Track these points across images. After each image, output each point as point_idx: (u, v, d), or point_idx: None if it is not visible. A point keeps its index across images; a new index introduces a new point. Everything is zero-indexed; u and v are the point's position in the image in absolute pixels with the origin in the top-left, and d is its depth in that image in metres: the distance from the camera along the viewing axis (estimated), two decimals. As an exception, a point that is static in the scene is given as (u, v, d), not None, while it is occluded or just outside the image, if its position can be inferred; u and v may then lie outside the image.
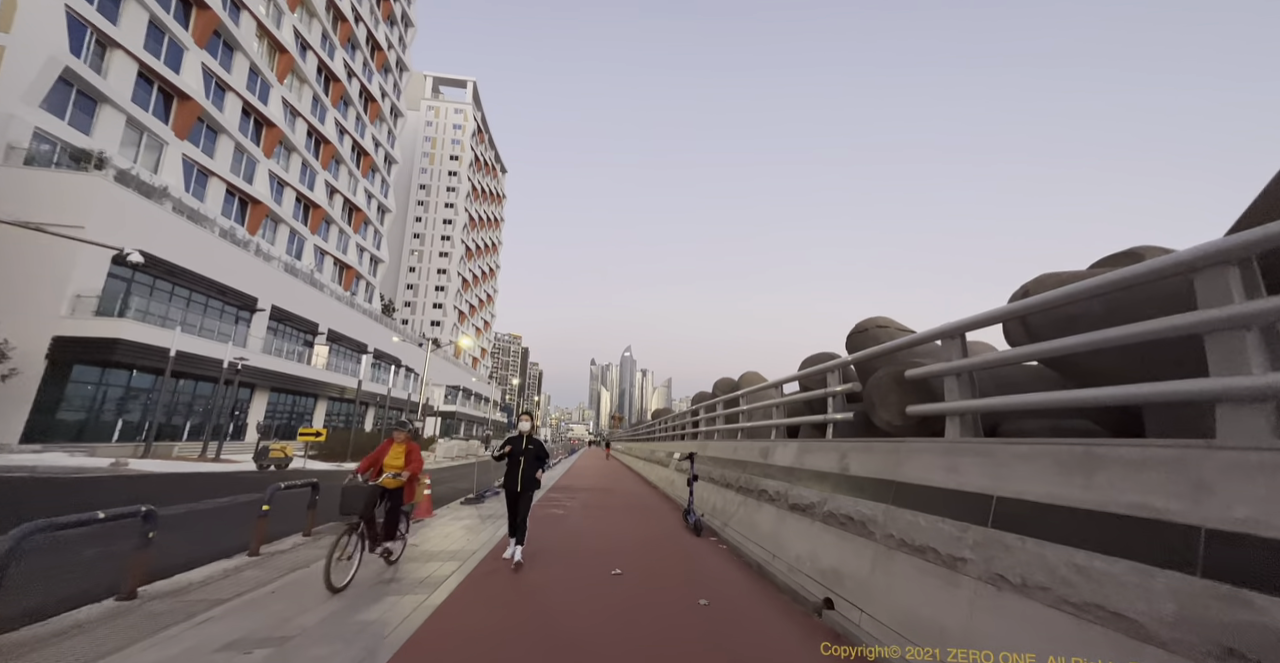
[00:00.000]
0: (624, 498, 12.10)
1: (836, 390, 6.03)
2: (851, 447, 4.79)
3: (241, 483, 13.61)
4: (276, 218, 34.22)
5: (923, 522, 3.36)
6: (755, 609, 4.25)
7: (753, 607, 4.31)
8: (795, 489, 5.56)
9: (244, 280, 27.19)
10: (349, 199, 44.15)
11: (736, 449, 8.58)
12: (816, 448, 5.57)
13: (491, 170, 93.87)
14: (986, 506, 2.90)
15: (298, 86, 36.56)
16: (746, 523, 6.71)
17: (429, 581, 4.79)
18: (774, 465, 6.56)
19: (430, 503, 8.68)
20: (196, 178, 27.29)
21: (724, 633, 3.69)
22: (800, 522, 5.19)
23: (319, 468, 18.92)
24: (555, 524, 8.13)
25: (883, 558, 3.68)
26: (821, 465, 5.20)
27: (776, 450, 6.75)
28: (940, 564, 3.08)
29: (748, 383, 13.96)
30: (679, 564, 5.72)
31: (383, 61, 49.76)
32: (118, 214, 19.73)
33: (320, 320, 35.11)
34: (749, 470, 7.39)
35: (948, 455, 3.44)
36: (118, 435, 19.45)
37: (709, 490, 8.89)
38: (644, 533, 7.60)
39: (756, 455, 7.40)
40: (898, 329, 6.69)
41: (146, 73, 23.54)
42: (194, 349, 21.06)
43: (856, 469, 4.54)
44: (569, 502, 10.93)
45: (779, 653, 3.37)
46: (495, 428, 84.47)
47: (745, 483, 7.31)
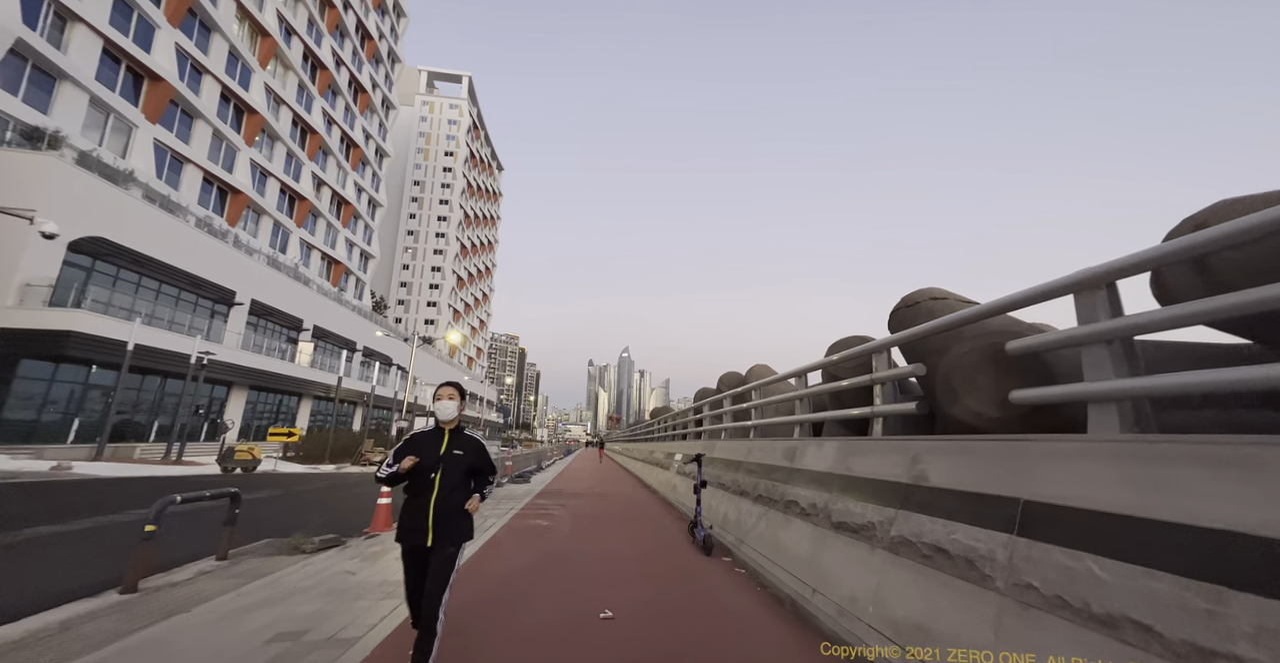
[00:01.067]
0: (620, 504, 10.79)
1: (887, 376, 4.74)
2: (929, 447, 3.49)
3: (194, 488, 12.28)
4: (259, 209, 32.82)
5: (1103, 572, 2.05)
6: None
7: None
8: (841, 503, 4.26)
9: (221, 273, 25.79)
10: (337, 192, 42.75)
11: (751, 450, 7.28)
12: (870, 449, 4.27)
13: (487, 167, 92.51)
14: (1265, 552, 1.61)
15: (282, 73, 35.16)
16: (769, 542, 5.40)
17: (359, 622, 3.49)
18: (804, 471, 5.27)
19: (389, 513, 7.35)
20: (170, 164, 25.88)
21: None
22: (852, 547, 3.89)
23: (293, 471, 17.60)
24: (536, 539, 6.82)
25: (1013, 619, 2.38)
26: (880, 472, 3.90)
27: (807, 452, 5.45)
28: (1169, 658, 1.77)
29: (756, 376, 12.67)
30: (687, 600, 4.41)
31: (373, 51, 48.35)
32: (76, 198, 18.34)
33: (305, 316, 33.72)
34: (770, 476, 6.09)
35: (1139, 463, 2.14)
36: (74, 436, 18.03)
37: (719, 498, 7.59)
38: (643, 552, 6.30)
39: (779, 458, 6.10)
40: (958, 300, 5.40)
41: (113, 50, 22.14)
42: (159, 343, 19.63)
43: (941, 479, 3.24)
44: (557, 510, 9.62)
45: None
46: (490, 428, 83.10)
47: (765, 491, 6.01)
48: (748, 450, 7.41)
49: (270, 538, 6.48)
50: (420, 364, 55.77)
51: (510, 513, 9.09)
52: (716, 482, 7.87)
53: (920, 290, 5.71)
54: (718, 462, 8.30)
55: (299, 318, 33.08)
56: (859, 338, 6.98)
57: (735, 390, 10.16)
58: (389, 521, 7.27)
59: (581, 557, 5.98)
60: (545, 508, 9.84)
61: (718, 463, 8.24)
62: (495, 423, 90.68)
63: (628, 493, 13.16)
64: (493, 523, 7.90)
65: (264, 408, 30.71)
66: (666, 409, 22.99)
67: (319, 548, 5.86)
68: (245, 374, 26.47)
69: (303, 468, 19.07)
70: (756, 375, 12.60)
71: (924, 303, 5.50)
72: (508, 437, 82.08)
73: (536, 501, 11.10)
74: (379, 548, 5.91)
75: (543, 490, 13.23)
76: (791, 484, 5.41)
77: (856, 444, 4.55)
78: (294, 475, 16.13)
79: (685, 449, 11.91)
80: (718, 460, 8.33)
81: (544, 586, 4.71)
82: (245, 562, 5.24)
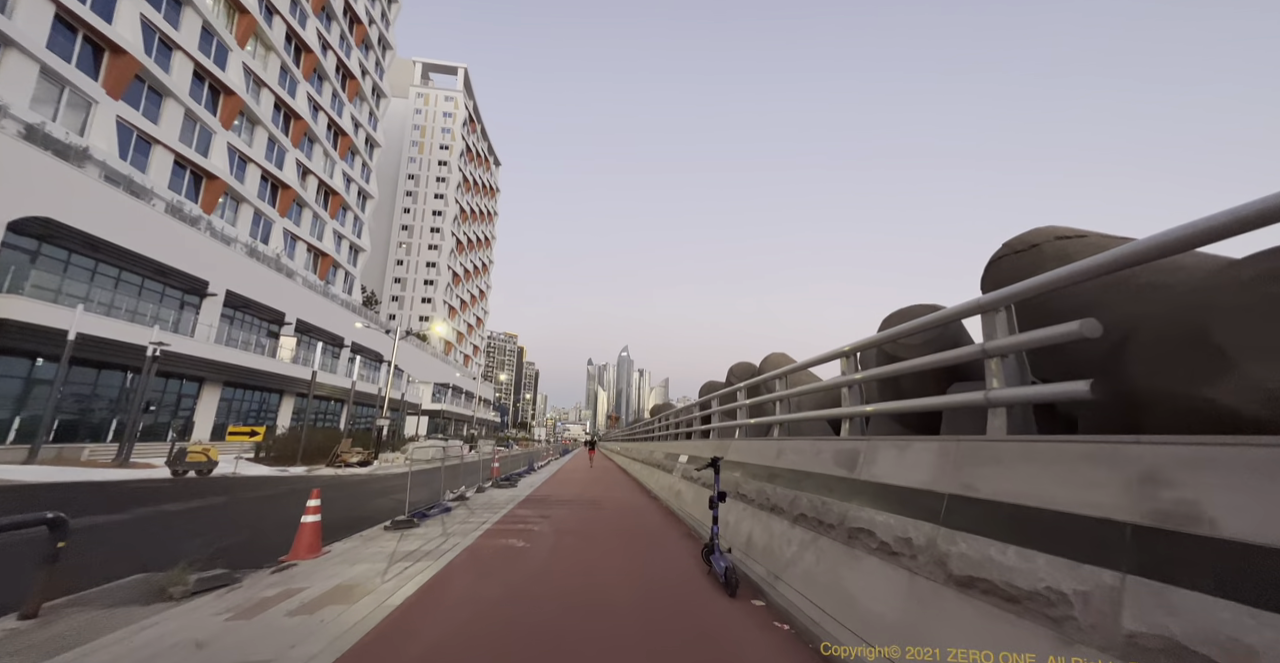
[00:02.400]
0: (616, 515, 9.16)
1: (1015, 342, 3.11)
2: (1194, 457, 1.84)
3: (125, 498, 10.65)
4: (238, 196, 31.13)
5: None
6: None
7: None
8: (967, 544, 2.62)
9: (191, 261, 24.11)
10: (325, 182, 41.05)
11: (781, 452, 5.66)
12: (1020, 455, 2.60)
13: (484, 162, 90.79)
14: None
15: (263, 54, 33.44)
16: (825, 584, 3.76)
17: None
18: (878, 484, 3.63)
19: (316, 535, 5.71)
20: (137, 144, 24.17)
21: None
22: (1004, 625, 2.25)
23: (256, 474, 15.95)
24: (503, 569, 5.19)
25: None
26: (1055, 498, 2.25)
27: (878, 457, 3.81)
28: None
29: (774, 365, 11.02)
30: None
31: (362, 36, 46.63)
32: (19, 174, 16.65)
33: (288, 309, 32.06)
34: (818, 488, 4.45)
35: None
36: (14, 436, 16.36)
37: (741, 514, 5.95)
38: (642, 589, 4.66)
39: (829, 464, 4.47)
40: (1100, 238, 3.77)
41: (68, 18, 20.42)
42: (108, 333, 17.90)
43: (1237, 523, 1.60)
44: (539, 523, 7.98)
45: None
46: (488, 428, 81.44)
47: (813, 510, 4.37)
48: (776, 452, 5.78)
49: (148, 572, 4.85)
50: (414, 362, 54.15)
51: (483, 527, 7.47)
52: (736, 492, 6.24)
53: (1036, 231, 4.09)
54: (735, 466, 6.66)
55: (280, 311, 31.43)
56: (924, 307, 5.35)
57: (753, 380, 8.53)
58: (314, 545, 5.63)
59: (560, 592, 4.36)
60: (525, 521, 8.21)
61: (736, 468, 6.61)
62: (492, 422, 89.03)
63: (624, 500, 11.53)
64: (454, 544, 6.27)
65: (242, 406, 29.04)
66: (668, 406, 21.34)
67: (193, 591, 4.23)
68: (219, 370, 24.83)
69: (269, 470, 17.39)
70: (774, 364, 10.96)
71: (1046, 244, 3.87)
72: (503, 436, 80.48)
73: (518, 510, 9.48)
74: (275, 592, 4.27)
75: (528, 497, 11.60)
76: (856, 503, 3.77)
77: (983, 449, 2.90)
78: (252, 480, 14.48)
79: (693, 450, 10.25)
80: (735, 464, 6.70)
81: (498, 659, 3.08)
82: (63, 620, 3.59)
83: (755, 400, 7.96)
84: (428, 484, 12.80)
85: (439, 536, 6.82)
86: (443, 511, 8.84)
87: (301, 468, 18.72)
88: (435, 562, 5.38)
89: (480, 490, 12.25)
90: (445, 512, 8.85)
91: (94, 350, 17.95)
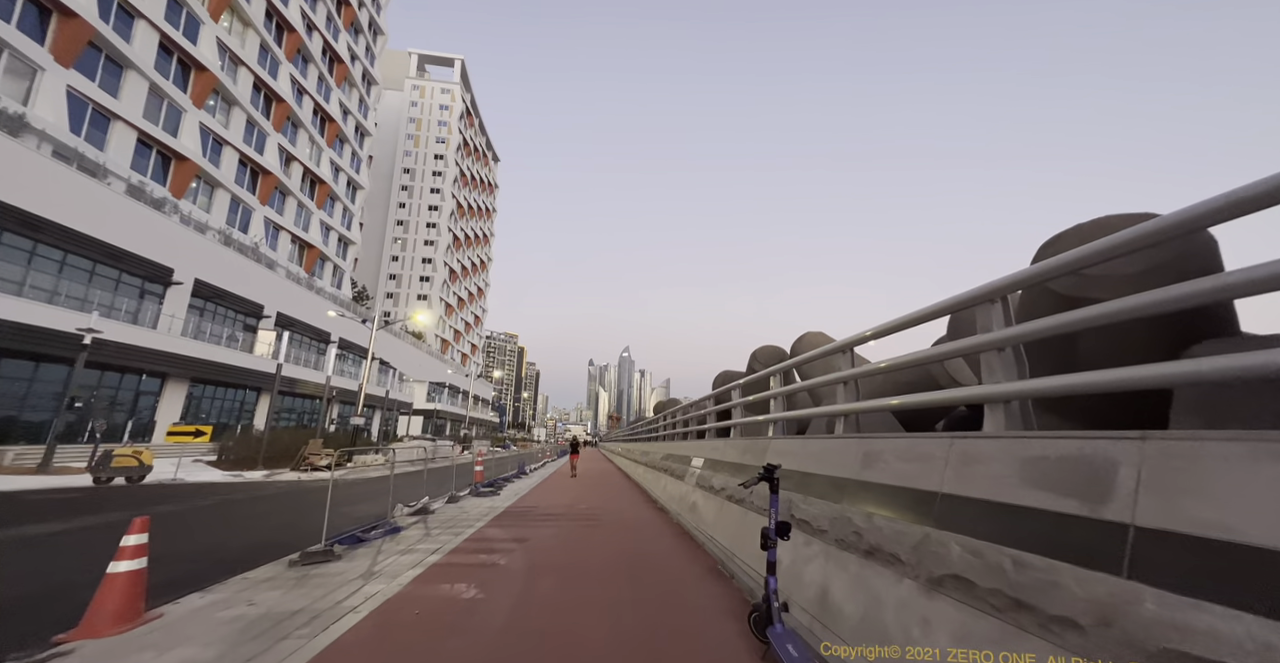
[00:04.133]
0: (615, 537, 7.06)
1: None
2: None
3: (10, 510, 8.61)
4: (212, 180, 29.11)
5: None
6: None
7: None
8: None
9: (153, 247, 22.11)
10: (310, 169, 39.03)
11: (873, 458, 3.57)
12: None
13: (482, 157, 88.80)
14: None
15: (240, 30, 31.43)
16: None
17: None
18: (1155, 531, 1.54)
19: (134, 591, 3.62)
20: (93, 119, 22.15)
21: None
22: None
23: (199, 480, 13.85)
24: (432, 650, 3.11)
25: None
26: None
27: (1153, 473, 1.72)
28: None
29: (808, 346, 8.91)
30: None
31: (351, 19, 44.63)
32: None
33: (266, 302, 30.06)
34: (995, 531, 2.36)
35: None
36: (-75, 436, 14.37)
37: (802, 550, 3.83)
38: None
39: (1017, 486, 2.38)
40: None
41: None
42: (29, 319, 15.75)
43: None
44: (510, 552, 5.89)
45: None
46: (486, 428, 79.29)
47: (984, 573, 2.28)
48: (862, 458, 3.69)
49: None
50: (407, 359, 52.11)
51: (429, 560, 5.40)
52: (790, 515, 4.14)
53: None
54: (796, 477, 4.55)
55: (259, 303, 29.43)
56: (1135, 216, 3.29)
57: (789, 363, 6.46)
58: (127, 608, 3.54)
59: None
60: (493, 549, 6.13)
61: (798, 479, 4.51)
62: (491, 422, 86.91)
63: (626, 514, 9.45)
64: (367, 597, 4.19)
65: (214, 405, 27.00)
66: (674, 403, 19.26)
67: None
68: (184, 364, 22.79)
69: (220, 476, 15.28)
70: (810, 344, 8.87)
71: None
72: (500, 437, 78.36)
73: (490, 528, 7.40)
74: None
75: (509, 509, 9.53)
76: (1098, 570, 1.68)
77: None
78: (187, 488, 12.40)
79: (710, 452, 8.05)
80: (797, 475, 4.59)
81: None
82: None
83: (806, 385, 5.84)
84: (412, 488, 10.84)
85: (358, 577, 4.75)
86: (388, 532, 6.77)
87: (260, 473, 16.64)
88: (310, 641, 3.30)
89: (452, 500, 10.20)
90: (391, 534, 6.78)
91: (25, 340, 15.92)
